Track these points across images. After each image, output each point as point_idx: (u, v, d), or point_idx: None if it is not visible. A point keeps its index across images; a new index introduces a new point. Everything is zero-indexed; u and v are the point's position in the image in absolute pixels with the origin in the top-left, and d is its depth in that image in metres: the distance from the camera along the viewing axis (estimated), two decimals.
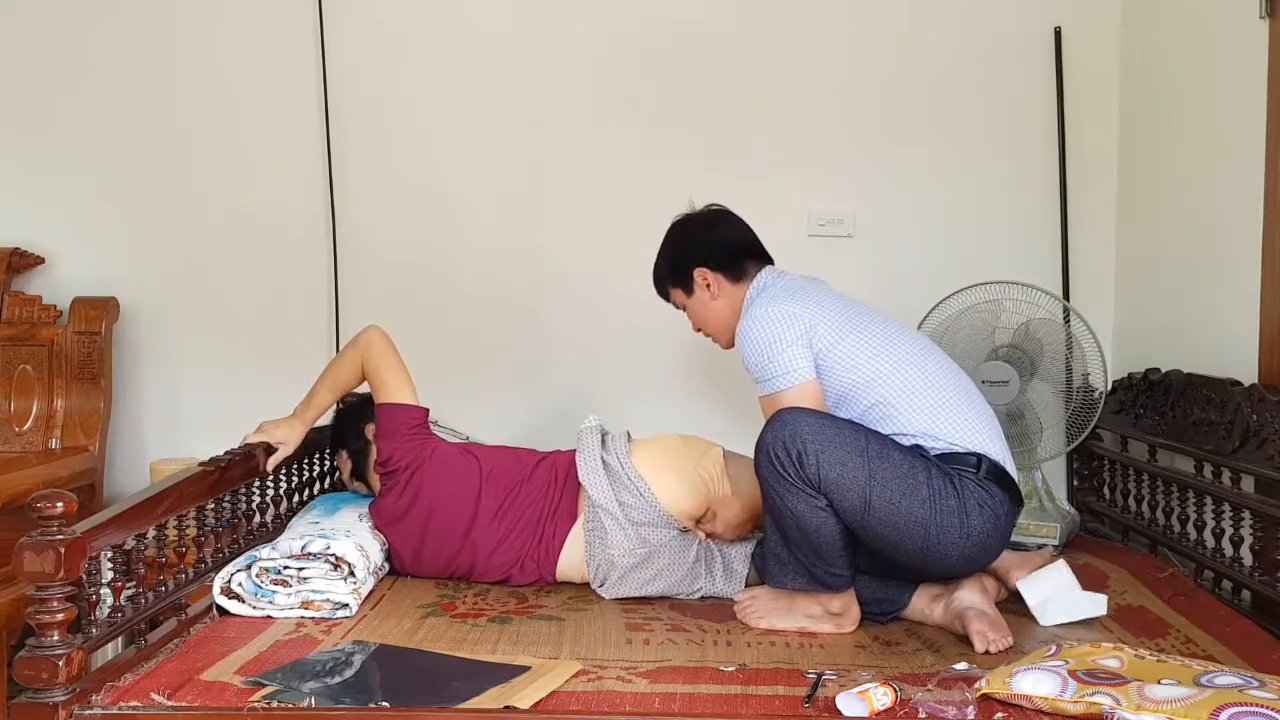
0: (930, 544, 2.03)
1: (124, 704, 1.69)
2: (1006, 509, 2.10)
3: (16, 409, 3.07)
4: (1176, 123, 2.81)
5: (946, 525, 2.02)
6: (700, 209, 2.43)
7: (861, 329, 2.18)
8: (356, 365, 2.55)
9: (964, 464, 2.07)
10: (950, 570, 2.12)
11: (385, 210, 3.23)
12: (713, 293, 2.35)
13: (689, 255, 2.37)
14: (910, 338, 2.26)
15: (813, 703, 1.70)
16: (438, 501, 2.41)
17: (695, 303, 2.39)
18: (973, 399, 2.19)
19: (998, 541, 2.11)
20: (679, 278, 2.39)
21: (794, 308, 2.17)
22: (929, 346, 2.28)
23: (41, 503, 1.68)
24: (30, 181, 3.23)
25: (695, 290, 2.37)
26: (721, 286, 2.34)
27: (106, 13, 3.21)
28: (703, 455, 2.45)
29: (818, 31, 3.16)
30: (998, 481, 2.09)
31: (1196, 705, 1.51)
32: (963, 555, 2.06)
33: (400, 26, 3.21)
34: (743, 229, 2.40)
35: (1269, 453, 2.15)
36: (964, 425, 2.11)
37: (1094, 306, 3.08)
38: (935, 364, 2.20)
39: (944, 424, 2.10)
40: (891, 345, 2.17)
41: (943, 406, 2.12)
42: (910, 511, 2.01)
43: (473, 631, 2.08)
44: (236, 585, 2.13)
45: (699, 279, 2.36)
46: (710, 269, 2.35)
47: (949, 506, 2.03)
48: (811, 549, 2.06)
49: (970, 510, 2.03)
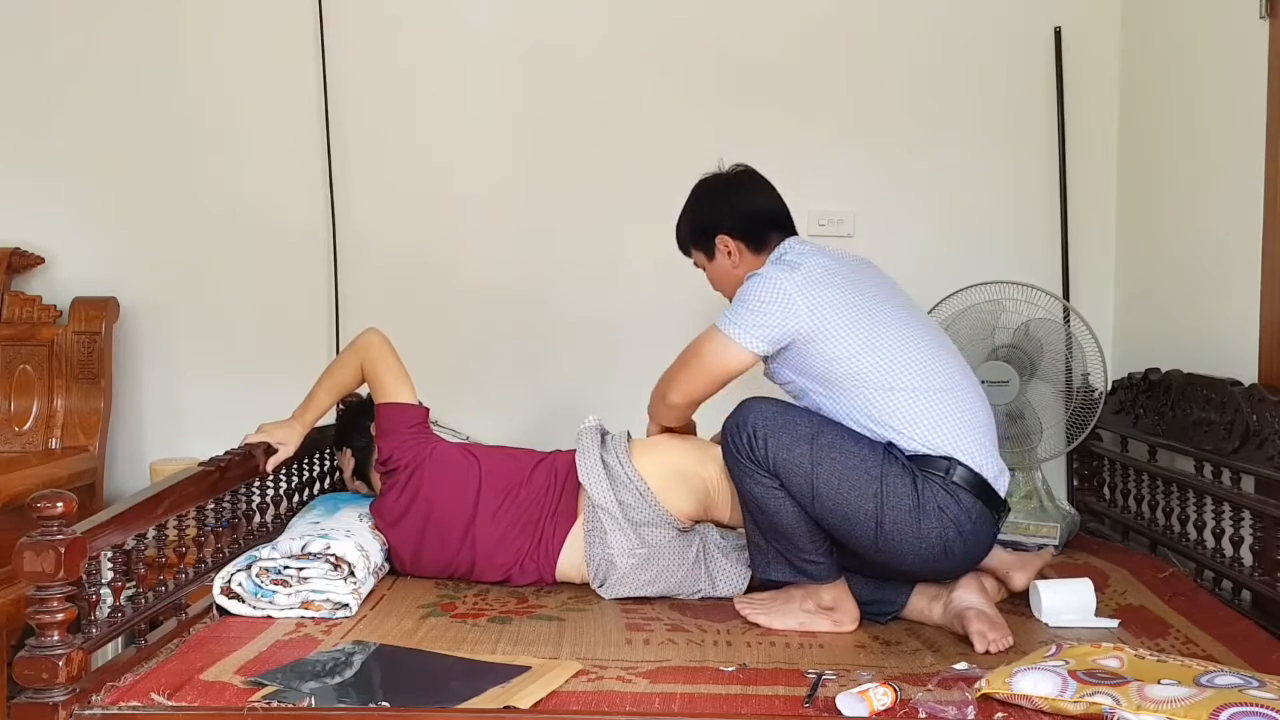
0: (884, 539, 2.03)
1: (124, 704, 1.69)
2: (976, 518, 2.07)
3: (16, 409, 3.07)
4: (1176, 123, 2.81)
5: (900, 522, 2.02)
6: (728, 169, 2.41)
7: (858, 322, 2.13)
8: (356, 367, 2.55)
9: (933, 467, 2.06)
10: (912, 570, 2.11)
11: (385, 210, 3.23)
12: (734, 261, 2.33)
13: (713, 220, 2.35)
14: (915, 335, 2.19)
15: (813, 703, 1.70)
16: (437, 500, 2.41)
17: (715, 267, 2.38)
18: (963, 406, 2.13)
19: (963, 548, 2.07)
20: (701, 241, 2.38)
21: (790, 287, 2.13)
22: (934, 345, 2.21)
23: (41, 503, 1.68)
24: (30, 181, 3.23)
25: (716, 256, 2.36)
26: (743, 255, 2.33)
27: (106, 13, 3.21)
28: (703, 455, 2.44)
29: (818, 31, 3.16)
30: (972, 490, 2.06)
31: (1196, 705, 1.51)
32: (919, 556, 2.05)
33: (400, 26, 3.21)
34: (770, 197, 2.36)
35: (1269, 453, 2.15)
36: (944, 430, 2.07)
37: (1094, 306, 3.08)
38: (932, 365, 2.15)
39: (920, 427, 2.07)
40: (885, 341, 2.13)
41: (924, 410, 2.08)
42: (856, 503, 2.02)
43: (473, 631, 2.08)
44: (236, 585, 2.13)
45: (720, 246, 2.34)
46: (733, 238, 2.33)
47: (902, 505, 2.02)
48: (779, 534, 2.09)
49: (927, 512, 2.03)
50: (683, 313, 3.05)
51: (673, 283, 3.14)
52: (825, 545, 2.10)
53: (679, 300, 3.14)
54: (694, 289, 3.03)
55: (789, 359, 2.17)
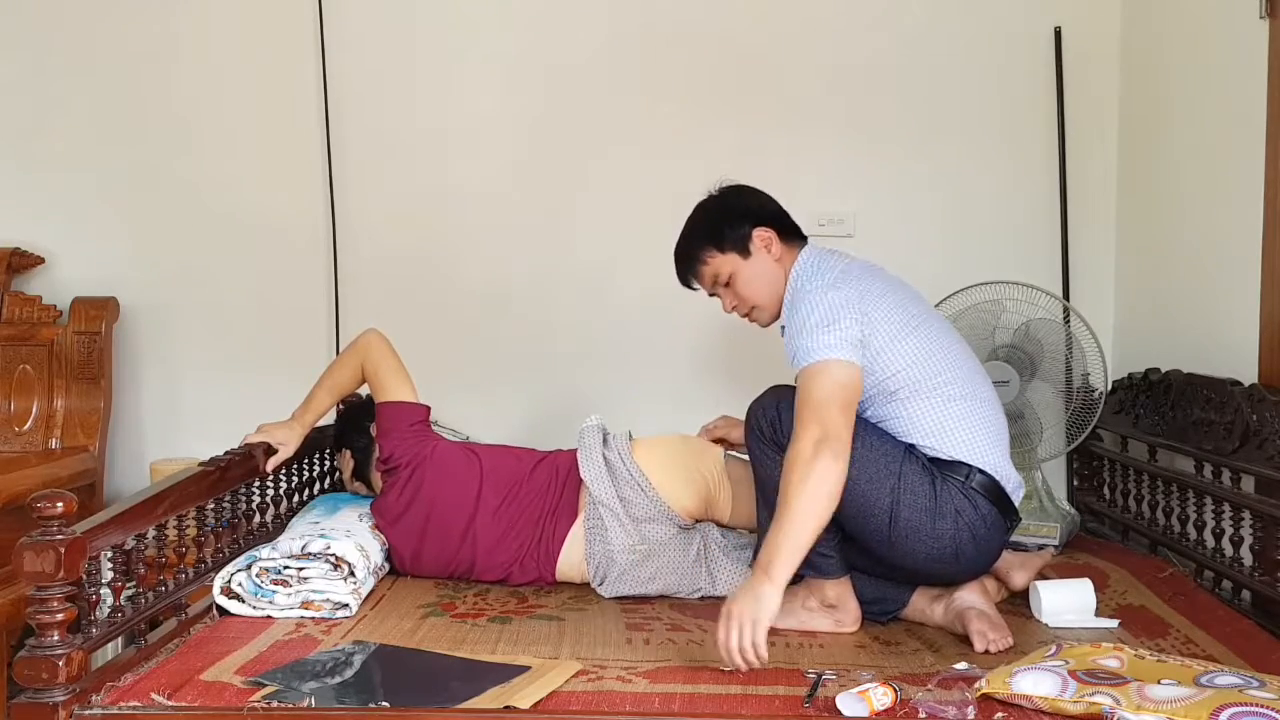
0: (897, 535, 2.03)
1: (124, 704, 1.69)
2: (991, 525, 2.07)
3: (16, 409, 3.08)
4: (1177, 123, 2.81)
5: (914, 521, 2.02)
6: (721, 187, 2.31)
7: (903, 330, 2.10)
8: (355, 368, 2.55)
9: (954, 471, 2.06)
10: (921, 569, 2.11)
11: (385, 211, 3.23)
12: (774, 253, 2.19)
13: (748, 213, 2.21)
14: (949, 343, 2.18)
15: (813, 703, 1.70)
16: (438, 499, 2.41)
17: (752, 266, 2.20)
18: (986, 415, 2.13)
19: (974, 553, 2.08)
20: (733, 241, 2.20)
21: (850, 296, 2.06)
22: (963, 354, 2.20)
23: (41, 503, 1.68)
24: (30, 181, 3.23)
25: (754, 252, 2.20)
26: (781, 247, 2.20)
27: (106, 13, 3.21)
28: (703, 453, 2.45)
29: (818, 31, 3.16)
30: (989, 497, 2.07)
31: (1196, 705, 1.51)
32: (930, 556, 2.06)
33: (400, 26, 3.21)
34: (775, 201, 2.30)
35: (1269, 453, 2.15)
36: (966, 440, 2.08)
37: (1094, 306, 3.08)
38: (962, 373, 2.15)
39: (943, 436, 2.07)
40: (924, 350, 2.11)
41: (948, 418, 2.08)
42: (872, 495, 2.02)
43: (473, 631, 2.08)
44: (236, 585, 2.13)
45: (759, 239, 2.19)
46: (767, 227, 2.19)
47: (919, 505, 2.03)
48: None
49: (944, 514, 2.03)
50: (684, 312, 3.05)
51: (674, 282, 3.15)
52: (835, 539, 2.08)
53: (680, 299, 3.13)
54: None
55: None
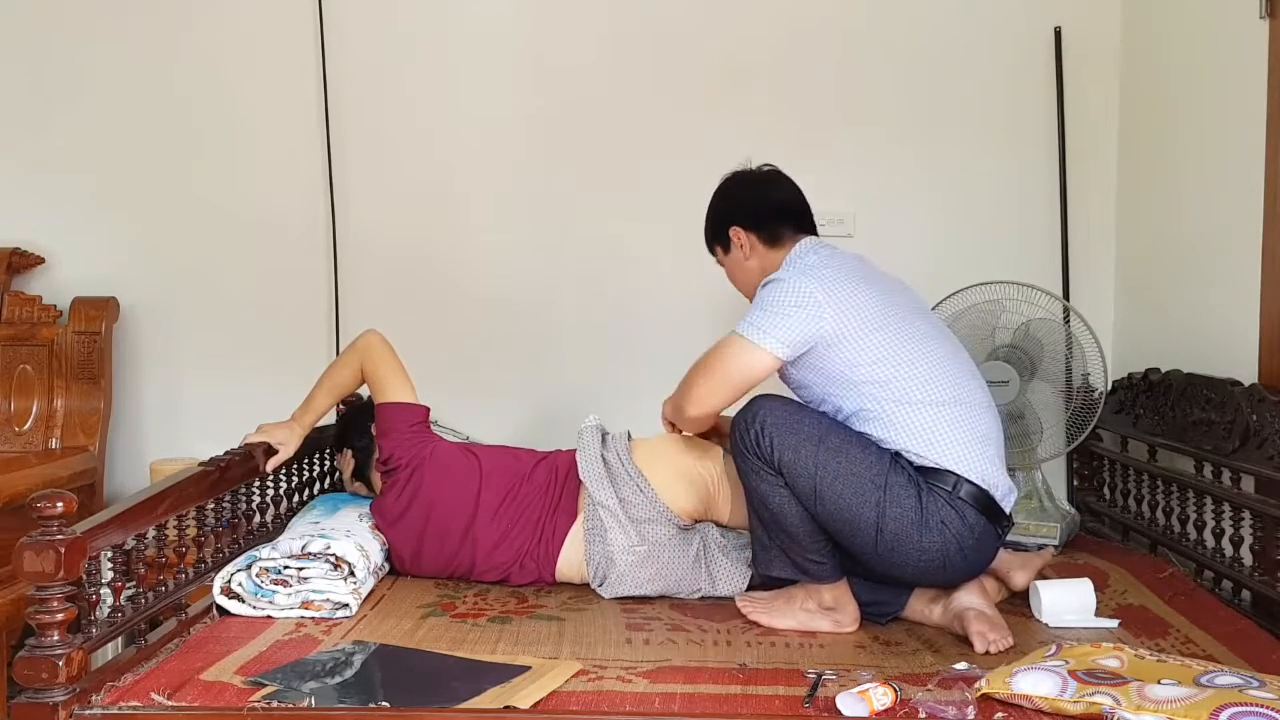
0: (884, 548, 2.04)
1: (124, 704, 1.69)
2: (979, 534, 2.07)
3: (16, 409, 3.08)
4: (1177, 123, 2.81)
5: (901, 534, 2.03)
6: (755, 167, 2.42)
7: (881, 329, 2.11)
8: (355, 369, 2.55)
9: (940, 481, 2.06)
10: (911, 578, 2.12)
11: (385, 210, 3.23)
12: (745, 253, 2.34)
13: (726, 212, 2.38)
14: (934, 348, 2.18)
15: (813, 703, 1.71)
16: (437, 499, 2.41)
17: (730, 260, 2.40)
18: (976, 422, 2.13)
19: (963, 563, 2.08)
20: (718, 234, 2.39)
21: (815, 289, 2.11)
22: (952, 359, 2.20)
23: (41, 503, 1.68)
24: (30, 181, 3.23)
25: (731, 248, 2.37)
26: (755, 249, 2.33)
27: (107, 13, 3.21)
28: (703, 454, 2.45)
29: (818, 31, 3.16)
30: (978, 507, 2.06)
31: (1196, 705, 1.51)
32: (918, 566, 2.06)
33: (400, 26, 3.21)
34: (786, 191, 2.37)
35: (1269, 453, 2.15)
36: (955, 447, 2.07)
37: (1094, 306, 3.08)
38: (949, 380, 2.14)
39: (929, 443, 2.07)
40: (905, 352, 2.12)
41: (937, 424, 2.08)
42: (857, 509, 2.02)
43: (473, 631, 2.09)
44: (236, 585, 2.13)
45: (734, 238, 2.35)
46: (745, 229, 2.34)
47: (906, 518, 2.02)
48: (784, 532, 2.09)
49: (930, 526, 2.03)
50: (684, 312, 3.05)
51: (674, 282, 3.16)
52: (828, 545, 2.10)
53: (680, 300, 3.15)
54: (694, 289, 3.05)
55: (808, 362, 2.14)
